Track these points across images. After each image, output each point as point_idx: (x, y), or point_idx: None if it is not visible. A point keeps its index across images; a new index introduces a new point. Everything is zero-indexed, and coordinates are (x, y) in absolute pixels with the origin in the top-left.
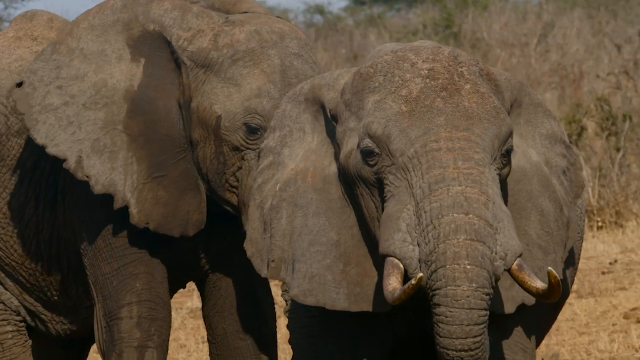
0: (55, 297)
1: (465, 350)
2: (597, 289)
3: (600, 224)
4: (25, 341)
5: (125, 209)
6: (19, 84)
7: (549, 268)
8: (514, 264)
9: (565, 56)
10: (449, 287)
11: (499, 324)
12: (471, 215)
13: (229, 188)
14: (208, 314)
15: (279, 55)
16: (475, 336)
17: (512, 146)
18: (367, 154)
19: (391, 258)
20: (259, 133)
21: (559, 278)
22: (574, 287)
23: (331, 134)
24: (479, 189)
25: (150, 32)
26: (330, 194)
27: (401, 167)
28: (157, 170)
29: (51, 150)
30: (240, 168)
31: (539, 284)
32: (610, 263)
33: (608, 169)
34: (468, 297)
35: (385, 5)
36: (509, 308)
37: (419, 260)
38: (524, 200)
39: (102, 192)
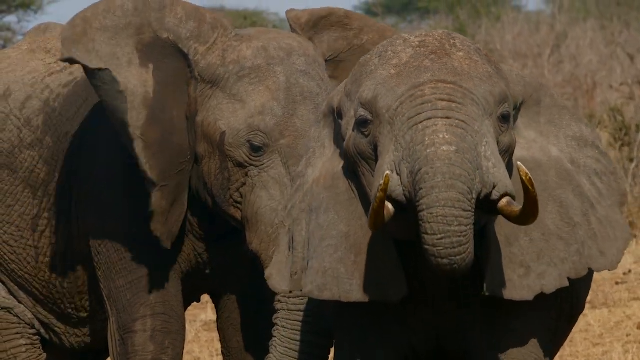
0: (69, 310)
1: (449, 207)
2: (611, 300)
3: None
4: (39, 355)
5: (138, 222)
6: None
7: (518, 163)
8: (505, 200)
9: (578, 67)
10: (428, 150)
11: (513, 332)
12: (452, 119)
13: (233, 204)
14: (222, 326)
15: (285, 72)
16: (459, 193)
17: (509, 112)
18: (361, 123)
19: None
20: (262, 150)
21: (529, 175)
22: (588, 297)
23: (339, 131)
24: (465, 114)
25: (162, 39)
26: (338, 188)
27: (387, 122)
28: (163, 180)
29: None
30: (244, 184)
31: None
32: (624, 273)
33: (621, 180)
34: (449, 155)
35: (398, 17)
36: (526, 295)
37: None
38: (539, 190)
39: None
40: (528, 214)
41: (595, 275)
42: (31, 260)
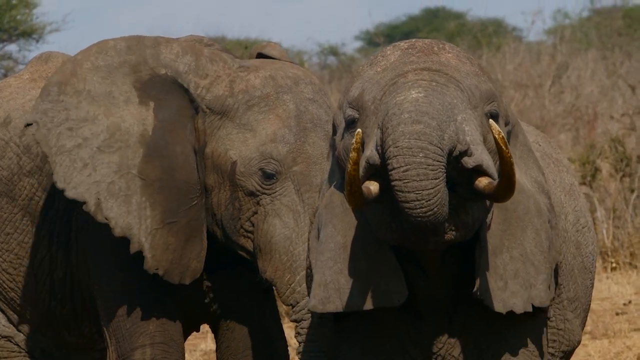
0: (69, 338)
1: (415, 139)
2: (611, 330)
3: (614, 265)
4: None
5: (138, 252)
6: (28, 124)
7: (491, 121)
8: (487, 180)
9: (579, 97)
10: (398, 98)
11: (507, 348)
12: (429, 90)
13: (244, 233)
14: (222, 356)
15: (294, 100)
16: (426, 126)
17: (497, 112)
18: (349, 124)
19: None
20: (275, 178)
21: (502, 133)
22: (588, 328)
23: (334, 145)
24: (445, 91)
25: (161, 76)
26: (334, 202)
27: (372, 113)
28: (170, 217)
29: (69, 193)
30: (255, 213)
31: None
32: (625, 304)
33: (622, 210)
34: (417, 98)
35: None
36: (500, 308)
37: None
38: (522, 212)
39: (121, 235)
40: (505, 182)
41: (595, 306)
42: (31, 288)
